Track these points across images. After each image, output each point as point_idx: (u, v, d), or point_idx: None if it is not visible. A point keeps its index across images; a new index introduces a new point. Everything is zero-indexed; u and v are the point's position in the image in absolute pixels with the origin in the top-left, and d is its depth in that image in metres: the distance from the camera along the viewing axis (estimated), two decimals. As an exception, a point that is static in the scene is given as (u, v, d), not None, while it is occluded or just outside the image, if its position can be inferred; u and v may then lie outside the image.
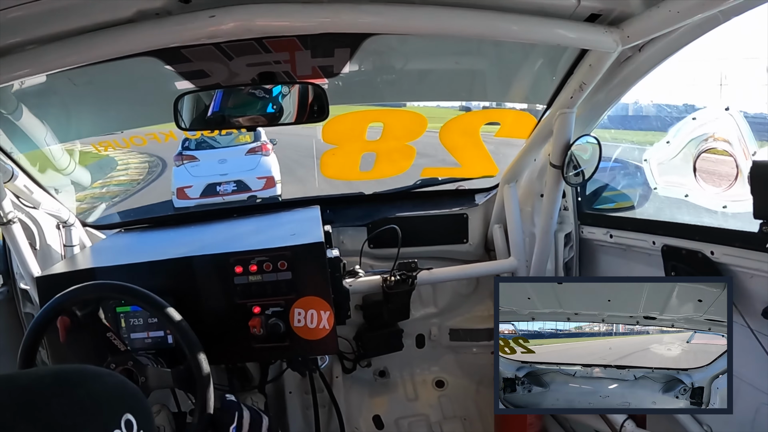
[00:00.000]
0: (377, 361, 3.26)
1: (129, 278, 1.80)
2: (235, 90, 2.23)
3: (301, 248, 2.06)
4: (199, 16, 1.50)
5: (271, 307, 2.04)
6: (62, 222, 2.80)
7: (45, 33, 1.52)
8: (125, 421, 0.78)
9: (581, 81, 2.05)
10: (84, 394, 0.78)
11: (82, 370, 0.83)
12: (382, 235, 2.98)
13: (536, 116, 2.72)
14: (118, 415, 0.78)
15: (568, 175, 2.36)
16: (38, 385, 0.75)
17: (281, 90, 2.17)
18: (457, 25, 1.63)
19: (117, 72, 2.23)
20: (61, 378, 0.79)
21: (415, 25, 1.63)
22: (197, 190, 9.72)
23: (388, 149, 3.40)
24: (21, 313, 2.66)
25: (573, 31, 1.69)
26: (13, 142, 2.40)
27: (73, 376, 0.81)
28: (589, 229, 2.72)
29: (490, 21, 1.63)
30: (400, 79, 2.81)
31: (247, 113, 2.19)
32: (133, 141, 3.16)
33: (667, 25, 1.55)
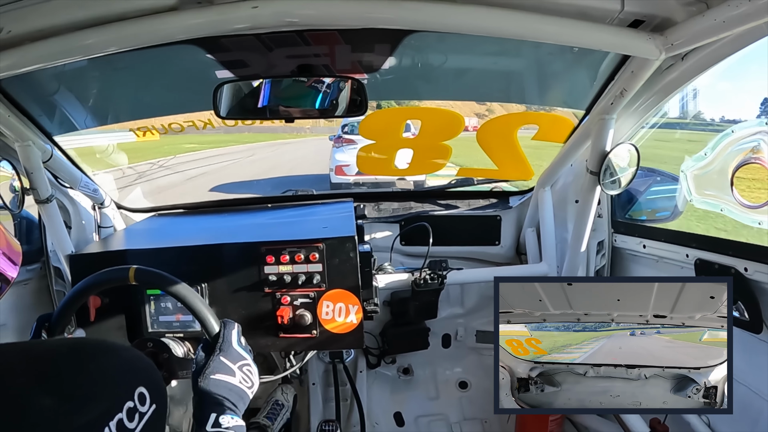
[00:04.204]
0: (402, 358, 3.27)
1: (160, 262, 1.79)
2: (279, 81, 2.24)
3: (332, 241, 2.05)
4: (242, 6, 1.51)
5: (299, 298, 2.04)
6: (98, 203, 2.87)
7: (87, 17, 1.55)
8: (138, 394, 0.79)
9: (622, 87, 2.02)
10: (98, 366, 0.79)
11: (99, 344, 0.84)
12: (413, 233, 2.99)
13: (574, 121, 2.69)
14: (132, 388, 0.79)
15: (604, 182, 2.34)
16: (54, 355, 0.77)
17: (322, 83, 2.19)
18: (498, 24, 1.61)
19: (156, 58, 2.27)
20: (78, 349, 0.81)
21: (455, 23, 1.61)
22: (354, 169, 10.84)
23: (425, 147, 3.39)
24: (52, 289, 2.75)
25: (616, 36, 1.66)
26: (53, 123, 2.46)
27: (90, 349, 0.83)
28: (622, 237, 2.68)
29: (532, 22, 1.61)
30: (438, 78, 2.80)
31: (294, 105, 2.22)
32: (171, 127, 3.20)
33: (711, 35, 1.51)
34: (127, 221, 3.12)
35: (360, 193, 3.31)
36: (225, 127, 9.26)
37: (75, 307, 1.58)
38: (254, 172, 17.19)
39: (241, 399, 1.33)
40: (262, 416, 2.42)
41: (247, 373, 1.39)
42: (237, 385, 1.34)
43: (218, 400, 1.27)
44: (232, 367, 1.36)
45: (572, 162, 2.73)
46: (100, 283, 1.58)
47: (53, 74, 2.26)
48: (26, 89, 2.19)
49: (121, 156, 3.27)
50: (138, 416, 0.77)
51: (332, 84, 2.20)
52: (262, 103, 2.19)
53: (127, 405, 0.76)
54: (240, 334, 1.47)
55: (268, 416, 2.43)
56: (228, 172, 17.66)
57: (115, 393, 0.77)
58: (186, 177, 17.03)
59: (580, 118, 2.57)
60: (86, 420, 0.71)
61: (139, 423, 0.77)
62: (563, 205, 2.91)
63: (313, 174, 15.52)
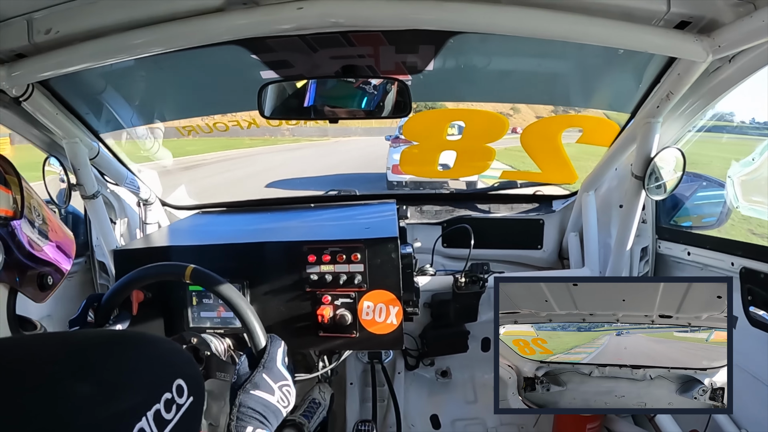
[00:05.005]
0: (440, 360, 3.25)
1: (203, 259, 1.80)
2: (325, 81, 2.25)
3: (375, 242, 2.05)
4: (287, 8, 1.54)
5: (340, 298, 2.04)
6: (143, 200, 2.97)
7: (134, 18, 1.60)
8: (176, 386, 0.79)
9: (668, 90, 1.99)
10: (137, 357, 0.80)
11: (139, 335, 0.85)
12: (455, 235, 2.98)
13: (619, 124, 2.65)
14: (170, 379, 0.79)
15: (649, 186, 2.30)
16: (93, 344, 0.78)
17: (369, 84, 2.20)
18: (542, 26, 1.61)
19: (202, 58, 2.31)
20: (117, 340, 0.82)
21: (499, 24, 1.61)
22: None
23: (468, 149, 3.38)
24: (96, 283, 2.84)
25: (662, 38, 1.64)
26: (99, 121, 2.54)
27: (130, 339, 0.83)
28: (666, 244, 2.63)
29: (576, 23, 1.60)
30: (481, 79, 2.79)
31: (338, 105, 2.22)
32: (216, 126, 3.26)
33: (759, 36, 1.47)
34: (171, 218, 3.21)
35: (403, 195, 3.31)
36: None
37: (125, 294, 1.63)
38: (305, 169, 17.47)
39: (275, 417, 1.36)
40: (299, 414, 2.42)
41: (286, 393, 1.42)
42: (274, 403, 1.36)
43: (254, 415, 1.30)
44: (273, 386, 1.38)
45: (617, 166, 2.70)
46: (154, 275, 1.62)
47: (100, 73, 2.32)
48: (74, 88, 2.25)
49: (166, 154, 3.34)
50: (175, 408, 0.78)
51: (379, 85, 2.20)
52: (308, 103, 2.20)
53: (165, 396, 0.76)
54: (285, 354, 1.49)
55: (304, 414, 2.43)
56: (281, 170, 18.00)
57: (154, 384, 0.77)
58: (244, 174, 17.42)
59: (624, 122, 2.54)
60: (123, 408, 0.71)
61: (176, 414, 0.77)
62: (607, 209, 2.87)
63: (368, 173, 15.74)
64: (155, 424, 0.73)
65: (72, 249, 1.15)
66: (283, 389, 1.41)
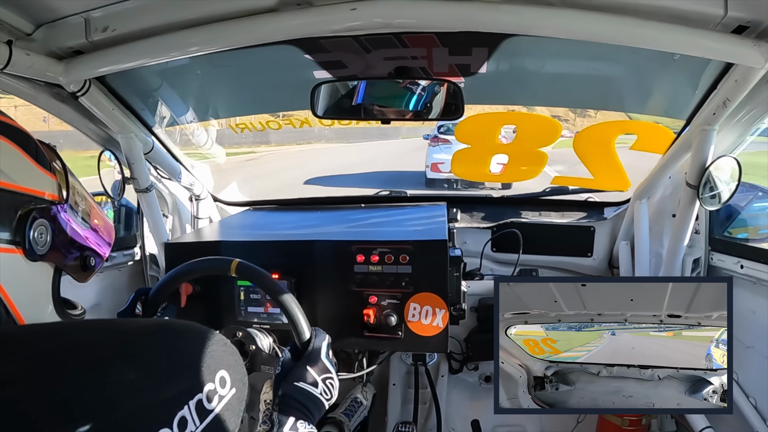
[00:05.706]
0: (485, 365, 3.21)
1: (252, 254, 1.80)
2: (378, 82, 2.29)
3: (424, 244, 2.06)
4: (341, 8, 1.57)
5: (387, 299, 2.05)
6: (195, 195, 3.06)
7: (189, 17, 1.66)
8: (219, 378, 0.82)
9: (725, 97, 1.94)
10: (184, 346, 0.83)
11: (186, 325, 0.88)
12: (504, 239, 2.97)
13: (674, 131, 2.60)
14: (214, 370, 0.81)
15: (703, 196, 2.25)
16: (142, 332, 0.82)
17: (417, 85, 2.22)
18: (596, 29, 1.60)
19: (256, 57, 2.36)
20: (165, 328, 0.86)
21: (552, 27, 1.62)
22: (448, 166, 11.33)
23: (520, 153, 3.37)
24: (146, 274, 2.93)
25: (718, 43, 1.60)
26: (154, 117, 2.62)
27: (177, 329, 0.86)
28: (719, 256, 2.54)
29: (630, 27, 1.59)
30: (534, 83, 2.78)
31: (388, 105, 2.25)
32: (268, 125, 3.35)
33: (820, 42, 1.44)
34: (222, 214, 3.29)
35: (453, 197, 3.31)
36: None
37: (172, 288, 1.66)
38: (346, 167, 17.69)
39: (318, 409, 1.38)
40: (340, 412, 2.44)
41: (329, 386, 1.43)
42: (317, 395, 1.38)
43: (298, 406, 1.32)
44: (317, 379, 1.40)
45: (670, 174, 2.64)
46: (201, 270, 1.65)
47: (156, 70, 2.38)
48: (130, 84, 2.32)
49: (219, 150, 3.43)
50: (217, 398, 0.80)
51: (427, 86, 2.22)
52: (357, 101, 2.23)
53: (208, 386, 0.79)
54: (329, 347, 1.50)
55: (345, 412, 2.45)
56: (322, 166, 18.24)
57: (198, 374, 0.79)
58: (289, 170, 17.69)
59: (680, 129, 2.48)
60: (167, 396, 0.73)
61: (217, 404, 0.79)
62: (659, 218, 2.80)
63: (408, 171, 16.07)
64: (196, 413, 0.76)
65: (111, 236, 1.19)
66: (326, 382, 1.42)
